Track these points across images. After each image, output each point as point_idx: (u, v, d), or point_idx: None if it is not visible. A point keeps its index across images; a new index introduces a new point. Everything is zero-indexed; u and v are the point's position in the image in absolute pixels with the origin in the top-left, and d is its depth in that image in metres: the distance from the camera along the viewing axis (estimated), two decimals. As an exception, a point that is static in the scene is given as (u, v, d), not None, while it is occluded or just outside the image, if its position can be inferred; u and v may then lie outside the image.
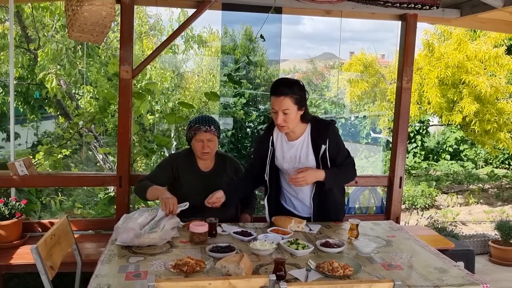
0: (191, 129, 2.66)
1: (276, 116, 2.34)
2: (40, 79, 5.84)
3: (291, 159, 2.49)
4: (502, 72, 7.41)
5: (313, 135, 2.45)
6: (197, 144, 2.64)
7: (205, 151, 2.64)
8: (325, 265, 1.87)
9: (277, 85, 2.38)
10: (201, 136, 2.62)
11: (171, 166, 2.71)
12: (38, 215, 4.11)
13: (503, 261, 4.26)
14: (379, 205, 3.96)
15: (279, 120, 2.34)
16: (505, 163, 12.32)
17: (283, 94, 2.31)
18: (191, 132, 2.66)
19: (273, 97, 2.35)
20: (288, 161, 2.50)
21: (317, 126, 2.46)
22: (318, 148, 2.43)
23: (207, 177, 2.73)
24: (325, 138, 2.42)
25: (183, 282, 1.53)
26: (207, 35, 9.80)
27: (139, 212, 2.34)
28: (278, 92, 2.33)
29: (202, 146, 2.63)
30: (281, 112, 2.32)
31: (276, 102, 2.32)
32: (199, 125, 2.63)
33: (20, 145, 7.98)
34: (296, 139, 2.48)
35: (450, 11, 3.40)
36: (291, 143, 2.50)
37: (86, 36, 2.69)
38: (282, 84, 2.37)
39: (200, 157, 2.70)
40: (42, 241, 1.92)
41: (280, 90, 2.33)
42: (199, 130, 2.62)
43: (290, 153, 2.49)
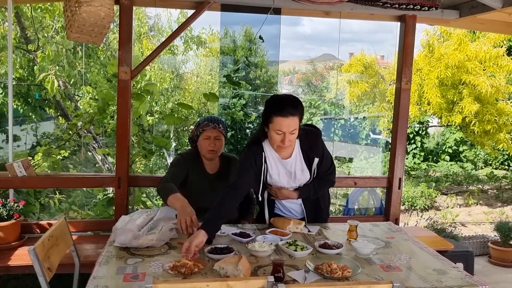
0: (199, 126, 2.69)
1: (281, 137, 2.23)
2: (40, 80, 5.83)
3: (287, 176, 2.45)
4: (502, 73, 7.41)
5: (303, 148, 2.41)
6: (204, 142, 2.65)
7: (211, 148, 2.65)
8: (323, 267, 1.87)
9: (284, 105, 2.21)
10: (209, 133, 2.65)
11: (184, 165, 2.69)
12: (37, 216, 4.10)
13: (502, 262, 4.25)
14: (378, 206, 3.96)
15: (286, 142, 2.24)
16: (505, 164, 12.32)
17: (292, 114, 2.20)
18: (199, 129, 2.68)
19: (281, 118, 2.19)
20: (284, 179, 2.46)
21: (307, 138, 2.40)
22: (310, 161, 2.42)
23: (213, 179, 2.73)
24: (317, 151, 2.41)
25: (181, 283, 1.52)
26: (207, 36, 9.81)
27: (138, 213, 2.34)
28: (287, 113, 2.19)
29: (208, 143, 2.65)
30: (289, 133, 2.22)
31: (285, 123, 2.19)
32: (208, 122, 2.68)
33: (19, 147, 7.98)
34: (289, 156, 2.42)
35: (449, 12, 3.39)
36: (284, 161, 2.43)
37: (84, 37, 2.68)
38: (289, 104, 2.22)
39: (206, 155, 2.69)
40: (40, 243, 1.91)
41: (289, 110, 2.19)
42: (207, 127, 2.65)
43: (285, 171, 2.45)
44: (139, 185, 3.58)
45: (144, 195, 3.95)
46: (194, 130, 2.76)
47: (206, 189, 2.65)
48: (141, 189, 3.86)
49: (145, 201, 3.88)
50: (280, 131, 2.22)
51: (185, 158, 2.73)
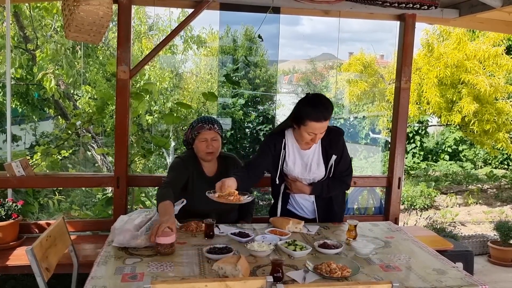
0: (193, 129, 2.60)
1: (313, 137, 2.38)
2: (39, 79, 5.82)
3: (302, 167, 2.54)
4: (501, 72, 7.41)
5: (323, 144, 2.51)
6: (200, 144, 2.58)
7: (209, 150, 2.58)
8: (323, 267, 1.86)
9: (320, 111, 2.34)
10: (205, 135, 2.57)
11: (185, 168, 2.62)
12: (36, 216, 4.09)
13: (502, 262, 4.25)
14: (377, 205, 3.95)
15: (316, 141, 2.42)
16: (504, 164, 12.32)
17: (325, 119, 2.35)
18: (194, 132, 2.60)
19: (315, 123, 2.33)
20: (299, 169, 2.54)
21: (328, 135, 2.48)
22: (328, 157, 2.51)
23: (213, 182, 2.66)
24: (336, 149, 2.51)
25: (179, 284, 1.51)
26: (206, 35, 9.80)
27: (136, 213, 2.33)
28: (322, 118, 2.33)
29: (206, 145, 2.58)
30: (320, 134, 2.38)
31: (318, 126, 2.34)
32: (202, 124, 2.59)
33: (19, 146, 7.97)
34: (308, 148, 2.53)
35: (448, 11, 3.39)
36: (303, 152, 2.54)
37: (83, 36, 2.67)
38: (324, 109, 2.35)
39: (204, 158, 2.63)
40: (38, 243, 1.90)
41: (324, 115, 2.34)
42: (203, 129, 2.57)
43: (302, 162, 2.54)
44: (138, 184, 3.57)
45: (143, 195, 3.94)
46: (188, 133, 2.67)
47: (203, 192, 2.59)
48: (140, 188, 3.85)
49: (144, 201, 3.87)
50: (312, 133, 2.37)
51: (184, 162, 2.64)
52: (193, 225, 2.40)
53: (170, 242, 2.04)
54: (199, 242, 2.23)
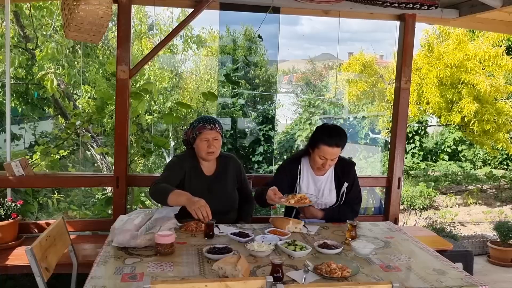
0: (195, 128, 2.59)
1: (323, 162, 2.57)
2: (38, 78, 5.81)
3: (315, 192, 2.69)
4: (501, 72, 7.41)
5: (337, 172, 2.70)
6: (202, 144, 2.57)
7: (210, 150, 2.57)
8: (323, 267, 1.86)
9: (332, 137, 2.54)
10: (207, 135, 2.56)
11: (181, 168, 2.62)
12: (35, 216, 4.09)
13: (501, 262, 4.25)
14: (377, 205, 3.95)
15: (327, 167, 2.58)
16: (504, 164, 12.32)
17: (337, 146, 2.54)
18: (195, 131, 2.59)
19: (327, 147, 2.52)
20: (312, 193, 2.66)
21: (341, 164, 2.69)
22: (340, 185, 2.68)
23: (211, 181, 2.67)
24: (348, 178, 2.69)
25: (178, 284, 1.51)
26: (206, 35, 9.79)
27: (136, 213, 2.32)
28: (333, 144, 2.52)
29: (207, 145, 2.57)
30: (330, 160, 2.56)
31: (329, 151, 2.53)
32: (204, 124, 2.58)
33: (18, 145, 7.96)
34: (322, 175, 2.70)
35: (448, 11, 3.39)
36: (317, 177, 2.71)
37: (83, 36, 2.66)
38: (337, 136, 2.55)
39: (205, 157, 2.62)
40: (37, 243, 1.90)
41: (335, 142, 2.53)
42: (204, 129, 2.56)
43: (315, 187, 2.70)
44: (138, 184, 3.57)
45: (143, 195, 3.94)
46: (188, 132, 2.65)
47: (204, 191, 2.55)
48: (139, 188, 3.86)
49: (144, 201, 3.87)
50: (323, 157, 2.55)
51: (181, 160, 2.65)
52: (192, 225, 2.40)
53: (170, 242, 2.04)
54: (199, 242, 2.22)
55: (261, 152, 11.69)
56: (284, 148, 12.61)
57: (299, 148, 12.32)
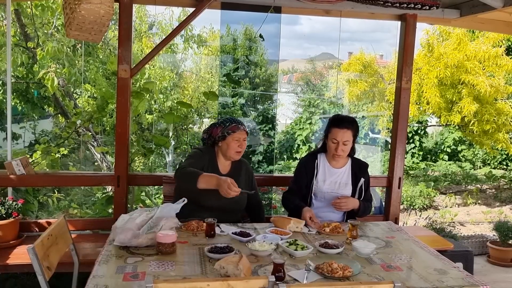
0: (226, 128, 2.66)
1: (336, 146, 2.68)
2: (39, 77, 5.80)
3: (331, 184, 2.78)
4: (501, 72, 7.41)
5: (353, 168, 2.82)
6: (233, 143, 2.65)
7: (239, 150, 2.67)
8: (324, 266, 1.86)
9: (341, 119, 2.73)
10: (239, 135, 2.66)
11: (202, 159, 2.68)
12: (35, 215, 4.09)
13: (501, 262, 4.25)
14: (378, 205, 3.95)
15: (339, 151, 2.68)
16: (503, 164, 12.33)
17: (347, 128, 2.68)
18: (227, 130, 2.65)
19: (337, 129, 2.68)
20: (328, 185, 2.78)
21: (358, 162, 2.86)
22: (357, 180, 2.78)
23: None
24: (364, 174, 2.81)
25: (181, 283, 1.51)
26: (207, 34, 9.78)
27: (137, 212, 2.32)
28: (343, 125, 2.68)
29: (238, 145, 2.66)
30: (342, 143, 2.67)
31: (340, 133, 2.67)
32: (237, 124, 2.68)
33: (18, 144, 7.96)
34: (340, 168, 2.81)
35: (449, 11, 3.39)
36: (334, 170, 2.81)
37: (84, 35, 2.66)
38: (345, 119, 2.73)
39: (232, 156, 2.69)
40: (39, 242, 1.90)
41: (345, 124, 2.69)
42: (238, 129, 2.66)
43: (331, 179, 2.79)
44: (138, 183, 3.57)
45: (144, 194, 3.94)
46: (217, 131, 2.70)
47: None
48: (140, 187, 3.86)
49: (145, 200, 3.87)
50: (335, 140, 2.68)
51: (203, 153, 2.72)
52: (194, 224, 2.41)
53: (171, 242, 2.04)
54: (200, 242, 2.23)
55: (261, 151, 11.70)
56: (284, 148, 12.62)
57: (299, 147, 12.33)
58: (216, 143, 2.71)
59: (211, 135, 2.73)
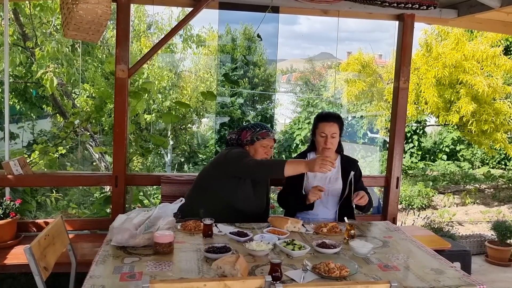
0: (256, 132, 2.71)
1: (325, 139, 2.76)
2: (38, 77, 5.80)
3: (322, 179, 2.81)
4: (499, 72, 7.42)
5: (343, 163, 2.86)
6: (261, 149, 2.71)
7: (267, 156, 2.74)
8: (321, 266, 1.86)
9: (327, 114, 2.84)
10: (268, 142, 2.73)
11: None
12: (33, 215, 4.09)
13: (499, 262, 4.26)
14: (376, 205, 3.95)
15: (328, 144, 2.76)
16: (501, 164, 12.35)
17: (333, 121, 2.78)
18: (256, 136, 2.71)
19: (324, 123, 2.78)
20: (318, 181, 2.80)
21: (347, 158, 2.91)
22: (347, 174, 2.80)
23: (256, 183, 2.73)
24: (353, 167, 2.85)
25: (178, 283, 1.51)
26: (206, 34, 9.78)
27: (135, 212, 2.32)
28: (329, 119, 2.79)
29: (265, 152, 2.72)
30: (330, 136, 2.75)
31: (327, 127, 2.76)
32: (267, 131, 2.75)
33: (17, 144, 7.95)
34: None
35: (447, 11, 3.39)
36: None
37: (81, 35, 2.66)
38: (331, 114, 2.85)
39: None
40: (36, 242, 1.90)
41: (331, 118, 2.80)
42: (268, 136, 2.73)
43: (321, 174, 2.77)
44: (137, 183, 3.57)
45: (142, 194, 3.94)
46: (246, 134, 2.74)
47: (251, 193, 2.67)
48: (138, 187, 3.86)
49: (142, 200, 3.87)
50: (323, 134, 2.76)
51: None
52: (191, 224, 2.41)
53: (169, 242, 2.04)
54: (198, 242, 2.22)
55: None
56: (283, 147, 12.62)
57: (298, 147, 12.33)
58: (243, 146, 2.75)
59: (239, 137, 2.77)
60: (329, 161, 2.35)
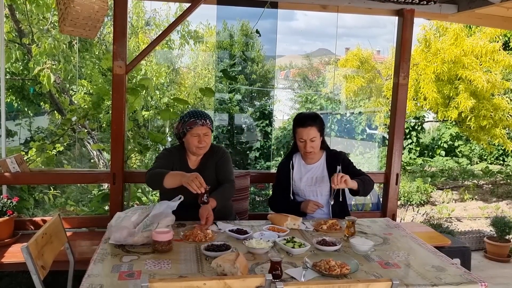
0: (185, 123, 2.58)
1: (304, 144, 2.70)
2: (34, 74, 5.75)
3: (308, 180, 2.78)
4: (498, 68, 7.41)
5: (328, 160, 2.79)
6: (192, 139, 2.57)
7: (201, 145, 2.58)
8: (321, 264, 1.85)
9: (303, 118, 2.74)
10: (197, 130, 2.56)
11: (170, 159, 2.64)
12: (31, 212, 4.06)
13: (498, 257, 4.26)
14: (375, 202, 3.95)
15: (308, 148, 2.69)
16: (500, 159, 12.37)
17: (310, 125, 2.68)
18: (185, 126, 2.58)
19: (301, 128, 2.70)
20: (305, 182, 2.78)
21: (332, 153, 2.83)
22: (333, 170, 2.66)
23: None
24: (338, 160, 2.72)
25: (177, 282, 1.50)
26: (204, 30, 9.73)
27: (133, 210, 2.30)
28: (306, 124, 2.69)
29: (198, 141, 2.57)
30: (309, 140, 2.68)
31: (305, 132, 2.68)
32: (195, 119, 2.57)
33: (14, 141, 7.91)
34: (314, 163, 2.81)
35: (447, 6, 3.36)
36: (308, 166, 2.81)
37: (78, 31, 2.63)
38: (308, 117, 2.74)
39: (195, 152, 2.62)
40: (33, 240, 1.88)
41: (308, 122, 2.69)
42: (195, 124, 2.56)
43: (307, 175, 2.79)
44: (135, 181, 3.54)
45: (140, 191, 3.91)
46: (179, 127, 2.64)
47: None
48: (136, 185, 3.83)
49: (141, 197, 3.84)
50: (302, 139, 2.70)
51: (170, 153, 2.68)
52: (200, 234, 2.21)
53: (168, 240, 2.02)
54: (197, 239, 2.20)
55: (258, 147, 11.69)
56: (281, 144, 12.60)
57: (296, 143, 12.30)
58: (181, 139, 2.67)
59: (177, 132, 2.68)
60: (197, 185, 2.23)
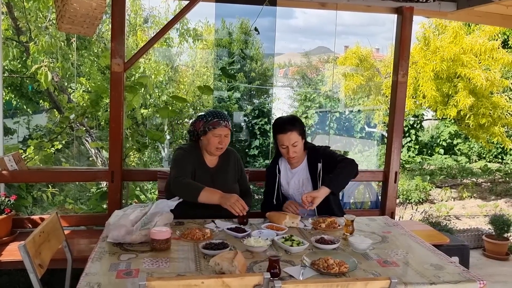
0: (208, 123, 2.58)
1: (286, 150, 2.66)
2: (32, 72, 5.73)
3: (295, 184, 2.77)
4: (497, 66, 7.41)
5: (310, 160, 2.75)
6: (213, 139, 2.58)
7: (221, 146, 2.61)
8: (320, 262, 1.84)
9: (282, 124, 2.67)
10: (220, 131, 2.58)
11: (189, 160, 2.62)
12: (29, 210, 4.05)
13: (496, 256, 4.27)
14: (374, 200, 3.94)
15: (291, 153, 2.65)
16: (498, 158, 12.38)
17: (290, 130, 2.62)
18: (208, 125, 2.58)
19: (281, 135, 2.64)
20: (292, 187, 2.77)
21: (312, 152, 2.76)
22: (315, 168, 2.69)
23: (214, 173, 2.68)
24: (318, 156, 2.70)
25: (175, 280, 1.49)
26: (202, 28, 9.71)
27: (131, 208, 2.29)
28: (286, 130, 2.63)
29: (219, 141, 2.59)
30: (291, 146, 2.63)
31: (285, 138, 2.63)
32: (218, 120, 2.58)
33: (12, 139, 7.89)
34: (298, 166, 2.77)
35: (446, 4, 3.36)
36: (293, 170, 2.79)
37: (76, 28, 2.62)
38: (286, 122, 2.67)
39: (212, 152, 2.63)
40: (31, 239, 1.87)
41: (287, 127, 2.63)
42: (219, 125, 2.57)
43: (293, 179, 2.77)
44: (133, 179, 3.54)
45: (138, 189, 3.91)
46: (199, 125, 2.63)
47: (208, 183, 2.53)
48: (135, 183, 3.82)
49: (139, 195, 3.84)
50: (284, 145, 2.65)
51: (188, 153, 2.64)
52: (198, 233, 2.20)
53: (166, 238, 2.01)
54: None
55: (257, 145, 11.69)
56: (280, 142, 12.57)
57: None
58: (199, 137, 2.65)
59: (195, 129, 2.67)
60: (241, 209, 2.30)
